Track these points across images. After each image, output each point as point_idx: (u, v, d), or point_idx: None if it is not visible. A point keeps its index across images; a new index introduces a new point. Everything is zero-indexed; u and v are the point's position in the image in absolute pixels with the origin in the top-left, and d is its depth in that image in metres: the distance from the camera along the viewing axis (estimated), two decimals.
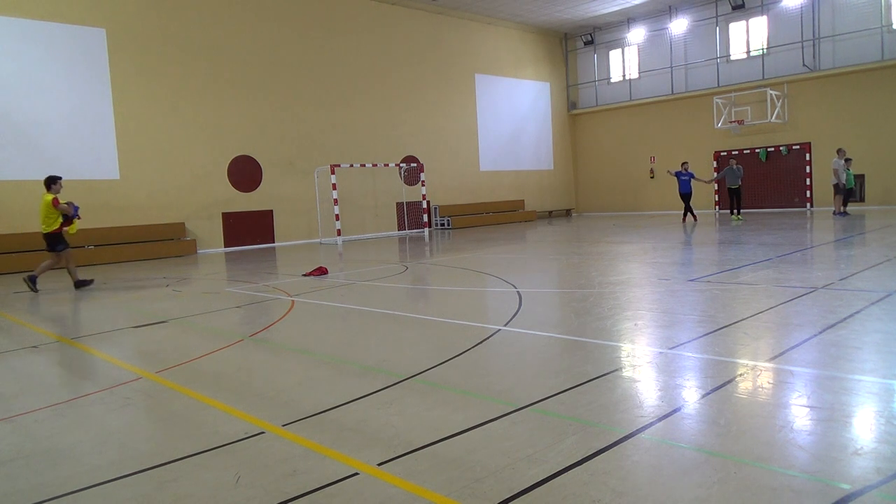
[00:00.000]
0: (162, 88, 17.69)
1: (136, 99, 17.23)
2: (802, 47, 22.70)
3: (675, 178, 20.45)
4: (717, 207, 25.38)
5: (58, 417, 4.23)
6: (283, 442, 3.54)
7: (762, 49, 23.95)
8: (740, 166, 20.05)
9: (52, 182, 10.79)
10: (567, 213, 29.89)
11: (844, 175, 18.67)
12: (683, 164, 21.06)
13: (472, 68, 25.54)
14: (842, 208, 19.03)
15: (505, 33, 26.87)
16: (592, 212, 29.46)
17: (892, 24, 21.01)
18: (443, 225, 24.02)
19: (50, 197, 10.69)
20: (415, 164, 22.78)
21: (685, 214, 20.31)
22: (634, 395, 4.04)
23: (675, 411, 3.67)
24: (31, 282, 10.86)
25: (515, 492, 2.77)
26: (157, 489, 3.08)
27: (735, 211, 20.06)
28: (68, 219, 10.86)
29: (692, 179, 20.12)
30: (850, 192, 19.23)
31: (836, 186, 18.85)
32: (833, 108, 22.26)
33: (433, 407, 3.99)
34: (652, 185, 27.14)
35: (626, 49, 27.80)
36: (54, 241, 10.87)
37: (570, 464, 3.00)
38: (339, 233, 19.85)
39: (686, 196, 20.12)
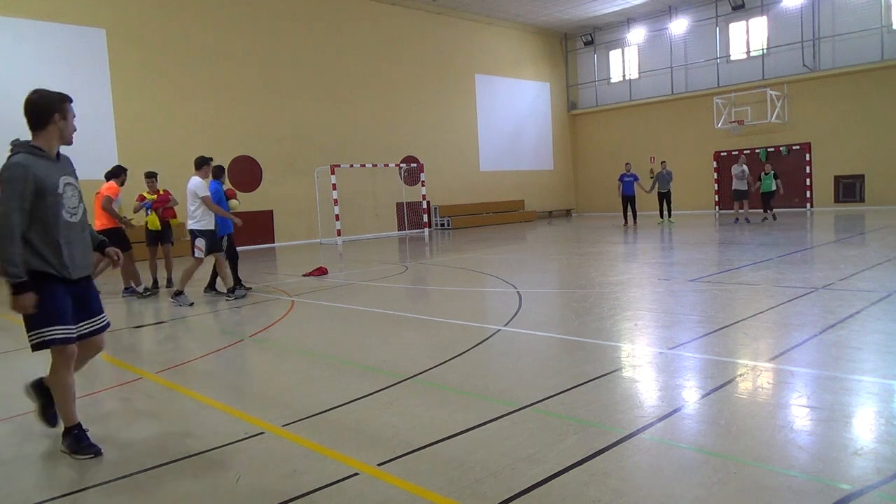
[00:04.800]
0: (162, 88, 17.69)
1: (136, 99, 17.22)
2: (802, 47, 22.70)
3: (619, 181, 20.46)
4: (717, 207, 25.38)
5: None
6: (283, 442, 3.54)
7: (762, 49, 23.93)
8: (670, 171, 20.10)
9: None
10: (567, 213, 29.88)
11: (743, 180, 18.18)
12: (627, 164, 21.31)
13: (472, 68, 25.53)
14: (768, 211, 18.72)
15: (505, 33, 26.86)
16: (592, 212, 29.45)
17: (892, 24, 21.00)
18: (443, 225, 24.00)
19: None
20: (415, 164, 22.78)
21: (629, 217, 20.23)
22: (634, 395, 4.04)
23: (675, 411, 3.68)
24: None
25: (515, 492, 2.77)
26: (157, 489, 3.08)
27: (665, 214, 20.21)
28: None
29: (636, 183, 20.20)
30: (766, 197, 18.55)
31: (742, 192, 18.20)
32: (833, 108, 22.25)
33: (433, 407, 3.99)
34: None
35: (626, 49, 27.78)
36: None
37: (570, 464, 3.00)
38: (339, 233, 19.84)
39: (629, 199, 20.17)
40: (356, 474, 3.06)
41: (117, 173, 9.98)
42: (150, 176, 10.62)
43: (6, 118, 15.62)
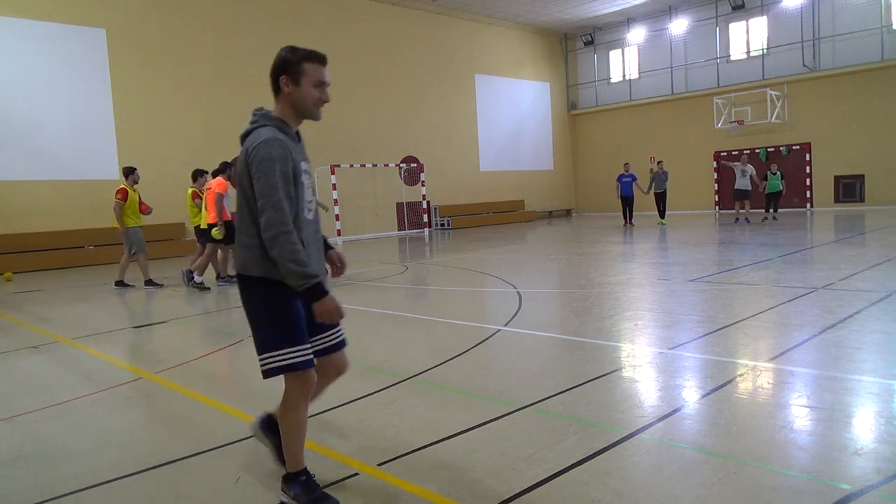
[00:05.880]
0: (162, 88, 17.69)
1: (136, 99, 17.22)
2: (802, 47, 22.70)
3: (618, 182, 20.50)
4: (717, 207, 25.37)
5: (58, 417, 4.23)
6: None
7: (762, 49, 23.93)
8: (667, 171, 20.08)
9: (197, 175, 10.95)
10: (567, 213, 29.88)
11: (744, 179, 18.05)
12: (625, 164, 21.30)
13: (472, 68, 25.53)
14: (770, 213, 18.81)
15: (505, 33, 26.86)
16: (592, 212, 29.45)
17: (892, 24, 21.00)
18: (443, 225, 24.00)
19: (190, 190, 10.79)
20: (415, 164, 22.78)
21: (629, 217, 20.29)
22: (634, 395, 4.04)
23: (675, 411, 3.68)
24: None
25: (515, 492, 2.77)
26: (157, 489, 3.08)
27: (661, 215, 20.23)
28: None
29: (634, 183, 20.21)
30: (771, 197, 18.61)
31: (743, 192, 18.07)
32: (833, 108, 22.25)
33: (433, 407, 3.99)
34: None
35: (626, 49, 27.78)
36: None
37: (570, 464, 3.00)
38: (339, 233, 19.84)
39: (628, 199, 20.21)
40: (356, 474, 3.06)
41: (223, 169, 10.26)
42: (203, 175, 10.93)
43: (6, 117, 15.72)
